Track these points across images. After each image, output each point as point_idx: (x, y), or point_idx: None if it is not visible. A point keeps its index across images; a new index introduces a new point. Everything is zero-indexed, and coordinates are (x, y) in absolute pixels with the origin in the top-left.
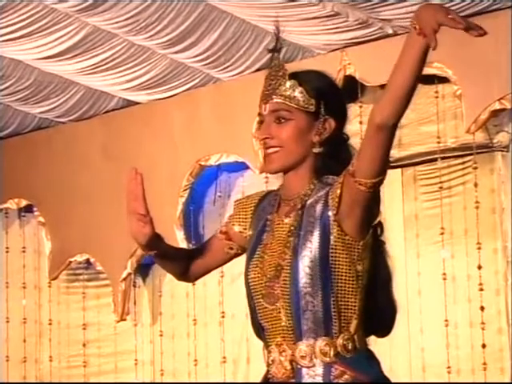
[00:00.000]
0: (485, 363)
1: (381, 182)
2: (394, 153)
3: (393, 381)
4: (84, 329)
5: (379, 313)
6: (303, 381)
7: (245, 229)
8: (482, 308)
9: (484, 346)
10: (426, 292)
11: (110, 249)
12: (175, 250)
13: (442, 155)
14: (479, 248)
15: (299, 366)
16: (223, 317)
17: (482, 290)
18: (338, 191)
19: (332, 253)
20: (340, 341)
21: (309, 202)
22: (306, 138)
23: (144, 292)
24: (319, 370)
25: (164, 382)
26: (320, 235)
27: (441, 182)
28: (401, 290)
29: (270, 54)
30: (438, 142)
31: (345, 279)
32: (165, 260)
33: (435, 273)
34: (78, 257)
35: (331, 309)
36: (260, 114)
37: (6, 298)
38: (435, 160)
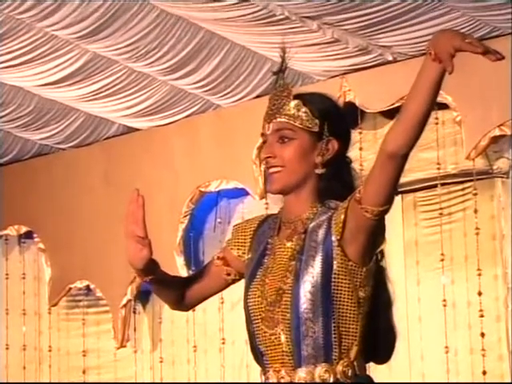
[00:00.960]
0: None
1: (387, 211)
2: None
3: None
4: (84, 355)
5: (379, 339)
6: None
7: (243, 253)
8: (483, 334)
9: (484, 372)
10: (426, 318)
11: (110, 275)
12: (171, 278)
13: (442, 181)
14: (479, 274)
15: None
16: (223, 343)
17: (482, 316)
18: (342, 216)
19: (334, 278)
20: (340, 367)
21: (311, 226)
22: (308, 159)
23: (144, 318)
24: None
25: None
26: (322, 260)
27: (441, 209)
28: (401, 316)
29: (272, 79)
30: (438, 168)
31: (346, 305)
32: (160, 287)
33: (435, 299)
34: (77, 283)
35: (332, 335)
36: (263, 134)
37: (6, 324)
38: (435, 186)
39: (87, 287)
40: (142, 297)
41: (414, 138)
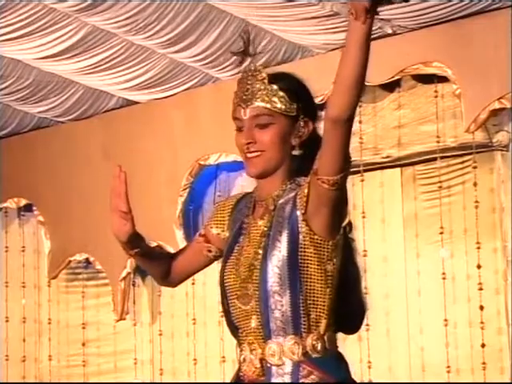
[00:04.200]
0: (484, 363)
1: (344, 179)
2: (394, 152)
3: (392, 380)
4: (83, 328)
5: (348, 311)
6: (273, 379)
7: (222, 231)
8: (482, 307)
9: (483, 345)
10: (425, 292)
11: (110, 248)
12: (156, 252)
13: (442, 154)
14: (479, 247)
15: (269, 365)
16: (222, 316)
17: (481, 289)
18: (306, 191)
19: (301, 252)
20: (309, 340)
21: (279, 202)
22: (286, 142)
23: (143, 291)
24: (288, 368)
25: (163, 381)
26: (288, 235)
27: (440, 182)
28: (400, 289)
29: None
30: (438, 142)
31: (314, 278)
32: (145, 260)
33: (435, 272)
34: (77, 256)
35: (300, 308)
36: (237, 119)
37: (6, 297)
38: (435, 159)
39: (87, 260)
40: (142, 270)
41: (353, 99)
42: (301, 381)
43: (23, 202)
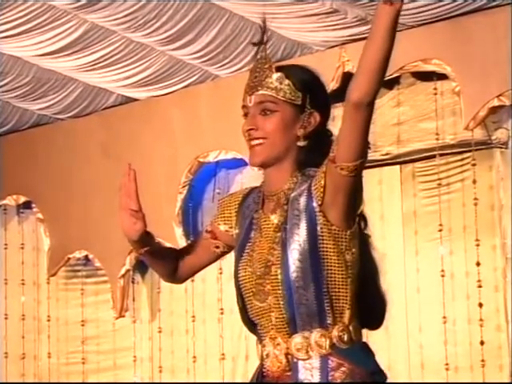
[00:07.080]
0: (483, 360)
1: (362, 165)
2: (393, 149)
3: (391, 378)
4: (83, 325)
5: (369, 306)
6: (300, 374)
7: (231, 227)
8: (481, 305)
9: (482, 342)
10: (424, 289)
11: (109, 245)
12: (164, 249)
13: (441, 152)
14: (478, 245)
15: (295, 360)
16: (222, 313)
17: (480, 286)
18: (322, 181)
19: (320, 243)
20: (335, 332)
21: (292, 195)
22: (290, 131)
23: (143, 288)
24: (316, 362)
25: (162, 380)
26: (307, 227)
27: (439, 179)
28: (399, 286)
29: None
30: (437, 139)
31: (335, 269)
32: (155, 259)
33: (434, 269)
34: (76, 253)
35: (324, 300)
36: (244, 106)
37: (5, 294)
38: (434, 157)
39: (86, 257)
40: (141, 267)
41: (376, 84)
42: (330, 373)
43: (22, 199)
